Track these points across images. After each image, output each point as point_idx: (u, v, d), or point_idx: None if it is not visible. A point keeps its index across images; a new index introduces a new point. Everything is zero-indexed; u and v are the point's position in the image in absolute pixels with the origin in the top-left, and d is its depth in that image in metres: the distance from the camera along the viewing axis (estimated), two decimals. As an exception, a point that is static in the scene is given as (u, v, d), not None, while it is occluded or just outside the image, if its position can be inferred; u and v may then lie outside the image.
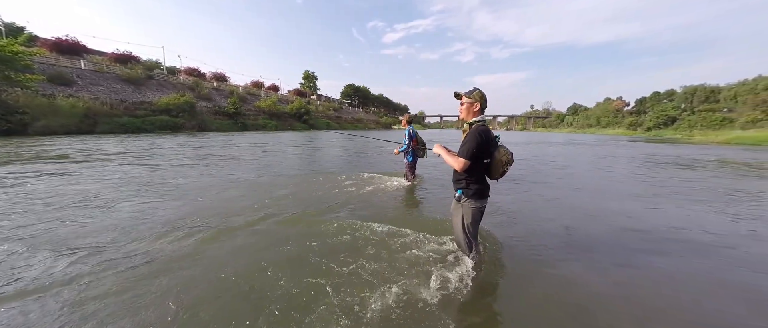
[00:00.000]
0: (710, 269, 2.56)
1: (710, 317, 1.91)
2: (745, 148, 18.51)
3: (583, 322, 1.82)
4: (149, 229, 3.12)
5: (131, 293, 1.98)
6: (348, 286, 2.08)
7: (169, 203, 4.14)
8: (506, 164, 2.07)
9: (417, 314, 1.81)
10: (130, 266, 2.34)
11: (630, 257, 2.74)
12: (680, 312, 1.94)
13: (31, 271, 2.24)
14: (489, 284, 2.21)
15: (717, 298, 2.13)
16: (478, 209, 2.18)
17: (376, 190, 5.14)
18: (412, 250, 2.64)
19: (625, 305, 1.99)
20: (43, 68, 23.96)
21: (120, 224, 3.24)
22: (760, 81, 42.08)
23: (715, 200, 4.99)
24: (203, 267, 2.36)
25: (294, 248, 2.69)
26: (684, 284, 2.28)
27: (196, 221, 3.39)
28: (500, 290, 2.16)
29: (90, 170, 6.47)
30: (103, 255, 2.52)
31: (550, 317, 1.86)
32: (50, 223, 3.25)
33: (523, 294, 2.11)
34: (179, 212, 3.71)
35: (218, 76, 47.58)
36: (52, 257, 2.47)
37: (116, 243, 2.77)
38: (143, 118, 25.04)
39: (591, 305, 1.99)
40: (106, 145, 12.26)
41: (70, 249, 2.61)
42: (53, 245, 2.70)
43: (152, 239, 2.86)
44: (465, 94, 2.12)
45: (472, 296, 2.02)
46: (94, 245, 2.72)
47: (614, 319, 1.84)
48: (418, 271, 2.29)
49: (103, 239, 2.86)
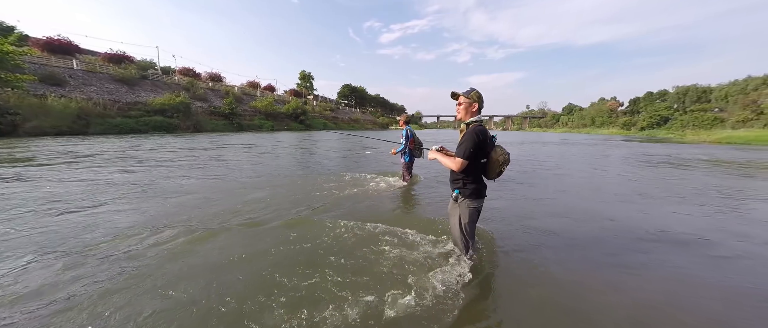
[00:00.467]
0: (701, 269, 2.61)
1: (702, 314, 1.94)
2: (736, 147, 18.87)
3: (578, 322, 1.84)
4: (94, 238, 2.83)
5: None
6: (345, 285, 2.08)
7: (125, 206, 3.89)
8: (503, 163, 2.09)
9: (414, 314, 1.81)
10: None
11: (622, 256, 2.77)
12: (673, 310, 1.97)
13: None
14: (486, 284, 2.22)
15: (709, 298, 2.17)
16: (476, 209, 2.20)
17: (372, 190, 5.14)
18: (410, 249, 2.65)
19: (618, 304, 2.02)
20: (35, 68, 23.55)
21: (58, 232, 2.97)
22: (750, 81, 42.97)
23: (704, 199, 5.08)
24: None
25: (291, 249, 2.68)
26: (676, 283, 2.32)
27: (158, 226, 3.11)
28: (497, 291, 2.17)
29: (51, 173, 5.96)
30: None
31: (546, 317, 1.88)
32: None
33: (519, 294, 2.12)
34: (134, 219, 3.40)
35: (213, 77, 47.16)
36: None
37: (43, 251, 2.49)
38: (137, 118, 24.72)
39: (584, 304, 2.01)
40: (84, 146, 11.67)
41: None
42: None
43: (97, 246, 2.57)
44: (463, 94, 2.13)
45: (469, 297, 2.03)
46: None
47: (607, 318, 1.87)
48: (415, 271, 2.29)
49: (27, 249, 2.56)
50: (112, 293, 1.98)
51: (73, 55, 30.75)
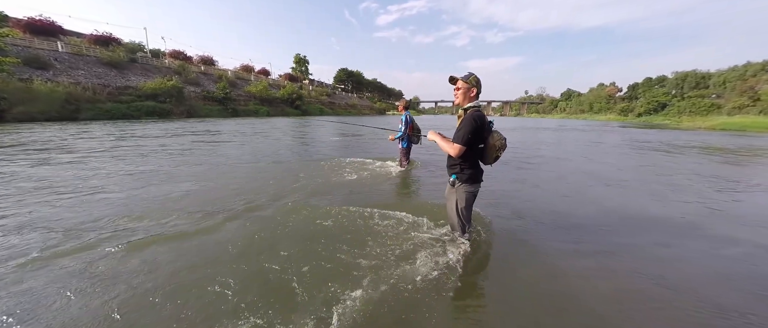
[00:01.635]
0: (691, 252, 2.70)
1: (692, 294, 2.03)
2: (730, 133, 19.07)
3: (564, 301, 1.91)
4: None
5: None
6: (341, 268, 2.13)
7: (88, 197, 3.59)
8: (500, 148, 2.09)
9: (410, 297, 1.87)
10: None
11: (611, 240, 2.85)
12: (662, 290, 2.05)
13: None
14: (480, 267, 2.29)
15: (700, 280, 2.26)
16: (472, 193, 2.22)
17: (370, 175, 5.15)
18: (407, 233, 2.69)
19: (606, 287, 2.09)
20: (18, 50, 22.58)
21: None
22: (749, 67, 42.78)
23: (694, 185, 5.18)
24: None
25: (289, 231, 2.71)
26: (664, 266, 2.41)
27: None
28: (491, 271, 2.24)
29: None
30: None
31: (536, 296, 1.95)
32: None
33: (512, 275, 2.19)
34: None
35: (205, 60, 45.74)
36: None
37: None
38: (129, 104, 24.12)
39: (572, 286, 2.08)
40: (47, 133, 11.65)
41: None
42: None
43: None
44: (461, 78, 2.09)
45: (464, 279, 2.09)
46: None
47: (594, 299, 1.95)
48: (411, 254, 2.34)
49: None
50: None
51: (56, 36, 29.47)
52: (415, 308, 1.76)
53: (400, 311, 1.73)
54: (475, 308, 1.84)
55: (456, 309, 1.81)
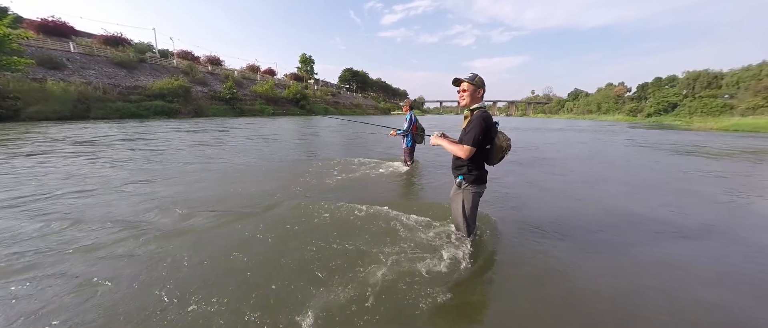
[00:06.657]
0: (695, 255, 2.65)
1: (690, 296, 2.00)
2: (743, 135, 18.58)
3: (571, 302, 1.90)
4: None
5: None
6: (345, 267, 2.15)
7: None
8: (505, 149, 2.09)
9: (414, 295, 1.87)
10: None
11: (614, 241, 2.82)
12: (661, 293, 2.02)
13: None
14: (484, 267, 2.28)
15: (703, 282, 2.22)
16: (478, 195, 2.22)
17: (374, 174, 5.17)
18: (413, 232, 2.70)
19: (612, 288, 2.07)
20: (32, 51, 23.17)
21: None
22: (764, 66, 41.53)
23: (704, 188, 5.07)
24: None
25: (295, 230, 2.75)
26: (668, 267, 2.37)
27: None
28: (495, 271, 2.23)
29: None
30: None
31: (540, 297, 1.94)
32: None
33: (516, 275, 2.18)
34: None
35: (213, 60, 46.30)
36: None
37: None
38: (138, 103, 24.56)
39: (578, 286, 2.07)
40: (55, 131, 12.00)
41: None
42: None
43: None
44: (466, 79, 2.09)
45: (468, 279, 2.09)
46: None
47: (600, 300, 1.93)
48: (416, 252, 2.35)
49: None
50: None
51: (68, 37, 30.15)
52: (418, 307, 1.77)
53: (403, 309, 1.75)
54: (479, 307, 1.84)
55: (459, 308, 1.81)
